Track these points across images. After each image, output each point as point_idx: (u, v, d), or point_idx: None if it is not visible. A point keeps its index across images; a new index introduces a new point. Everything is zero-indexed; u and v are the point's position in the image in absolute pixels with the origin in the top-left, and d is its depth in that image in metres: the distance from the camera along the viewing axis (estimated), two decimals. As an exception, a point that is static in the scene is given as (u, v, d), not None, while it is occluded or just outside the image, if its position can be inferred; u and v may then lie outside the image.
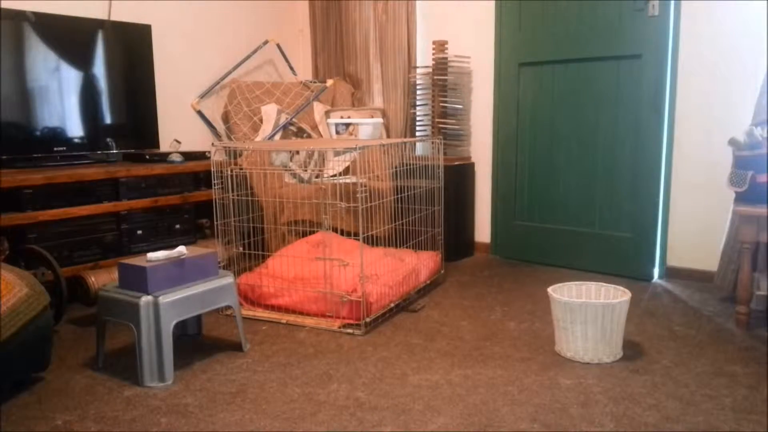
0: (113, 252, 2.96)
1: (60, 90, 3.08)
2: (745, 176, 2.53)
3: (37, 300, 2.03)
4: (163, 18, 3.60)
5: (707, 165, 3.08)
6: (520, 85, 3.62)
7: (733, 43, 2.95)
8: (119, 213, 2.99)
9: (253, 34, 4.08)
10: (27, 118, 2.97)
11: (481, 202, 3.88)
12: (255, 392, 2.03)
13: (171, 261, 2.17)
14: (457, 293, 3.10)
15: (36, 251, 2.60)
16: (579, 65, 3.37)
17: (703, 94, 3.06)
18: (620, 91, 3.25)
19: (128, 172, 3.02)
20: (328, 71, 4.36)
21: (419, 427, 1.80)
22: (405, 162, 3.41)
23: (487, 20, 3.70)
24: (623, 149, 3.28)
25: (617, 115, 3.28)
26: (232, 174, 2.88)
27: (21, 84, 2.92)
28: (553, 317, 2.32)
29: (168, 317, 2.10)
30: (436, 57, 3.71)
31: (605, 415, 1.85)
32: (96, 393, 2.04)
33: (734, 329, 2.54)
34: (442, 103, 3.73)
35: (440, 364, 2.23)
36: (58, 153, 3.08)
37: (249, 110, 3.82)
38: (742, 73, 2.94)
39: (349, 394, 2.00)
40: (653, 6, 3.06)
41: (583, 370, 2.17)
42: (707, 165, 3.08)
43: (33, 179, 2.69)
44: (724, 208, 2.98)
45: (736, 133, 2.66)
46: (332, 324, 2.61)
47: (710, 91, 3.04)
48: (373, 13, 4.08)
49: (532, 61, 3.54)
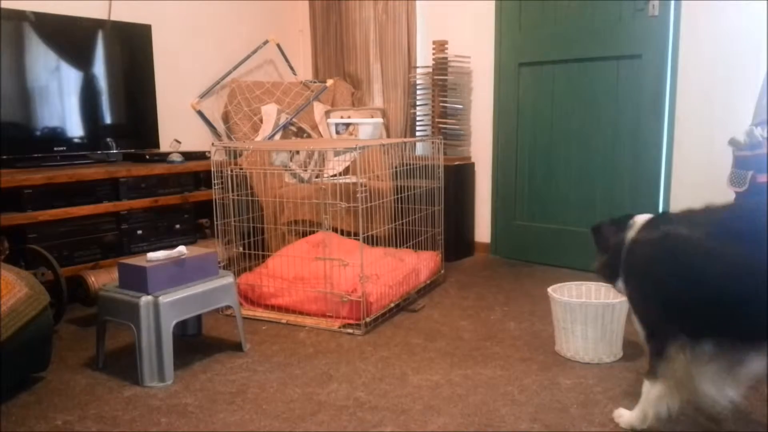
0: (113, 252, 2.96)
1: (60, 90, 3.08)
2: (745, 176, 2.53)
3: (37, 300, 2.03)
4: (163, 18, 3.60)
5: (707, 165, 3.08)
6: (520, 85, 3.61)
7: (733, 43, 2.95)
8: (119, 213, 2.99)
9: (253, 34, 4.08)
10: (27, 118, 2.97)
11: (481, 202, 3.88)
12: (255, 392, 2.03)
13: (171, 261, 2.17)
14: (457, 293, 3.10)
15: (36, 251, 2.60)
16: (579, 65, 3.37)
17: (703, 93, 3.06)
18: (620, 91, 3.25)
19: (128, 172, 3.02)
20: (328, 71, 4.36)
21: (419, 427, 1.80)
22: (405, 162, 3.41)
23: (487, 20, 3.69)
24: (623, 149, 3.28)
25: (617, 115, 3.28)
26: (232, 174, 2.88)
27: (21, 84, 2.92)
28: (553, 317, 2.32)
29: (168, 317, 2.10)
30: (436, 57, 3.71)
31: (605, 415, 1.85)
32: (96, 393, 2.04)
33: (734, 329, 2.53)
34: (442, 103, 3.73)
35: (440, 364, 2.23)
36: (58, 153, 3.08)
37: (249, 110, 3.82)
38: (742, 73, 2.94)
39: (349, 394, 2.00)
40: (653, 6, 3.06)
41: (583, 370, 2.17)
42: (707, 165, 3.08)
43: (33, 179, 2.69)
44: (724, 208, 2.97)
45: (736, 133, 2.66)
46: (332, 324, 2.61)
47: (710, 91, 3.04)
48: (373, 12, 4.07)
49: (532, 61, 3.54)
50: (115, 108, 3.31)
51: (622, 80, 3.24)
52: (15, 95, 2.91)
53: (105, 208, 2.92)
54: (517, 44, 3.59)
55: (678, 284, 1.59)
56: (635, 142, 3.23)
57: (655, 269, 1.65)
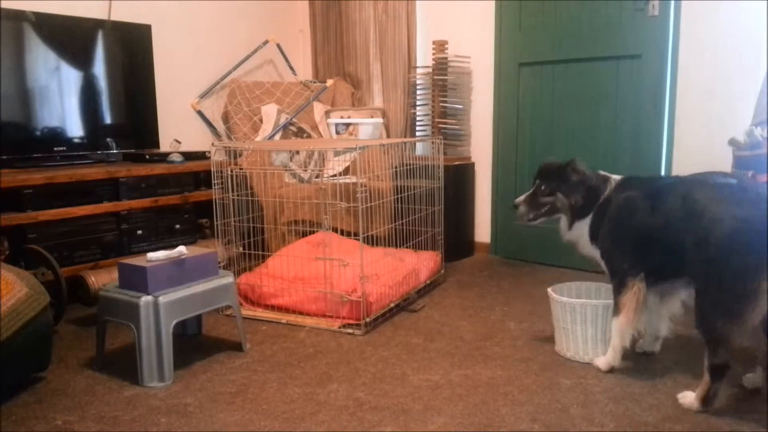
0: (113, 252, 2.96)
1: (60, 90, 3.08)
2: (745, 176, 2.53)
3: (37, 300, 2.03)
4: (163, 18, 3.60)
5: (707, 165, 3.05)
6: (520, 85, 3.61)
7: (733, 43, 2.95)
8: (119, 213, 2.99)
9: (253, 34, 4.07)
10: (27, 118, 2.97)
11: (481, 202, 3.88)
12: (255, 392, 2.03)
13: (171, 261, 2.17)
14: (457, 293, 3.10)
15: (36, 251, 2.60)
16: (579, 65, 3.37)
17: (703, 94, 3.06)
18: (620, 91, 3.25)
19: (128, 172, 3.02)
20: (328, 71, 4.36)
21: (419, 427, 1.80)
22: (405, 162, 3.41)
23: (487, 20, 3.69)
24: (623, 149, 3.28)
25: (617, 115, 3.28)
26: (232, 174, 2.88)
27: (21, 84, 2.92)
28: (553, 317, 2.31)
29: (168, 317, 2.09)
30: (436, 57, 3.71)
31: (605, 415, 1.85)
32: (96, 393, 2.04)
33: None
34: (442, 103, 3.73)
35: (440, 364, 2.23)
36: (58, 153, 3.08)
37: (249, 110, 3.82)
38: (742, 72, 2.94)
39: (349, 394, 2.00)
40: (653, 6, 3.06)
41: (583, 370, 2.17)
42: (707, 165, 3.05)
43: (33, 179, 2.69)
44: (724, 208, 2.97)
45: (736, 133, 2.66)
46: (332, 324, 2.61)
47: (710, 91, 3.04)
48: (373, 12, 4.07)
49: (532, 61, 3.54)
50: (115, 108, 3.31)
51: (622, 80, 3.24)
52: (15, 95, 2.91)
53: (105, 208, 2.92)
54: (517, 44, 3.59)
55: (634, 232, 2.06)
56: (635, 142, 3.23)
57: (621, 219, 2.09)
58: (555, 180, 2.25)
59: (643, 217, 2.03)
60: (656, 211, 2.00)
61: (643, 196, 2.06)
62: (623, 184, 2.17)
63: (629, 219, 2.07)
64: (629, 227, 2.07)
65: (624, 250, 2.09)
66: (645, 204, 2.04)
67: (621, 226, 2.10)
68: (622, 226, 2.09)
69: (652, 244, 2.02)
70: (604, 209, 2.16)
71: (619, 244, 2.11)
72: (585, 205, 2.20)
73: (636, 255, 2.06)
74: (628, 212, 2.08)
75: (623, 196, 2.12)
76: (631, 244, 2.07)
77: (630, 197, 2.09)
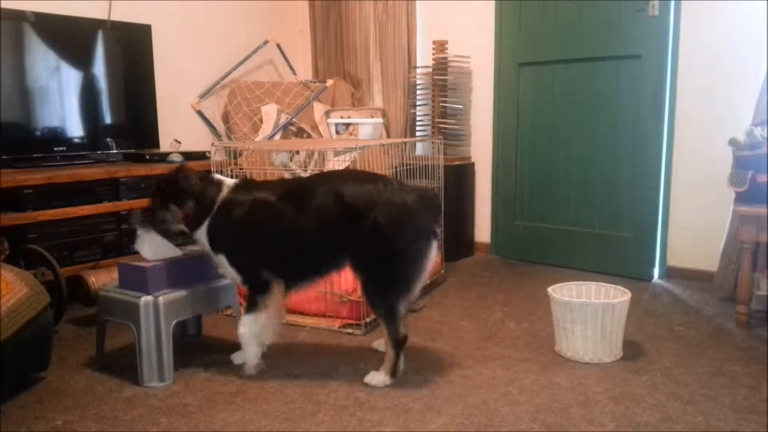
0: (113, 252, 2.96)
1: (60, 90, 3.07)
2: (745, 176, 2.53)
3: (37, 300, 2.03)
4: (163, 18, 3.60)
5: (707, 165, 3.08)
6: (520, 85, 3.61)
7: (733, 43, 2.95)
8: (119, 213, 2.98)
9: (253, 34, 4.07)
10: (27, 118, 2.97)
11: (481, 202, 3.88)
12: (255, 392, 2.03)
13: (171, 261, 2.17)
14: (457, 293, 3.10)
15: (36, 251, 2.59)
16: (579, 65, 3.37)
17: (703, 94, 3.06)
18: (620, 91, 3.25)
19: (128, 172, 3.02)
20: (328, 71, 4.36)
21: (419, 427, 1.80)
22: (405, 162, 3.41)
23: (487, 20, 3.69)
24: (623, 149, 3.27)
25: (617, 115, 3.28)
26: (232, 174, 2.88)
27: (21, 84, 2.92)
28: (553, 317, 2.31)
29: (168, 317, 2.09)
30: (436, 57, 3.71)
31: (605, 415, 1.85)
32: (96, 393, 2.04)
33: (734, 329, 2.54)
34: (442, 103, 3.73)
35: (440, 364, 2.23)
36: (58, 153, 3.08)
37: (249, 110, 3.82)
38: (742, 72, 2.94)
39: (349, 394, 2.00)
40: (653, 6, 3.06)
41: (583, 370, 2.17)
42: (707, 165, 3.08)
43: (33, 179, 2.69)
44: (724, 208, 2.97)
45: (736, 133, 2.66)
46: (332, 324, 2.61)
47: (710, 91, 3.04)
48: (373, 12, 4.07)
49: (532, 61, 3.54)
50: (115, 108, 3.31)
51: (622, 80, 3.23)
52: (15, 95, 2.91)
53: (105, 208, 2.92)
54: (517, 44, 3.59)
55: (262, 234, 2.06)
56: (635, 142, 3.23)
57: (247, 223, 2.06)
58: (168, 193, 2.13)
59: (265, 220, 2.06)
60: (278, 213, 2.05)
61: (266, 198, 2.07)
62: (239, 187, 2.14)
63: (254, 220, 2.06)
64: (254, 229, 2.07)
65: (250, 252, 2.09)
66: (267, 206, 2.06)
67: (245, 228, 2.07)
68: (246, 227, 2.07)
69: (273, 246, 2.07)
70: (223, 214, 2.09)
71: (245, 246, 2.09)
72: (199, 215, 2.10)
73: (264, 257, 2.08)
74: (252, 214, 2.07)
75: (245, 198, 2.08)
76: (257, 245, 2.08)
77: (254, 199, 2.08)
